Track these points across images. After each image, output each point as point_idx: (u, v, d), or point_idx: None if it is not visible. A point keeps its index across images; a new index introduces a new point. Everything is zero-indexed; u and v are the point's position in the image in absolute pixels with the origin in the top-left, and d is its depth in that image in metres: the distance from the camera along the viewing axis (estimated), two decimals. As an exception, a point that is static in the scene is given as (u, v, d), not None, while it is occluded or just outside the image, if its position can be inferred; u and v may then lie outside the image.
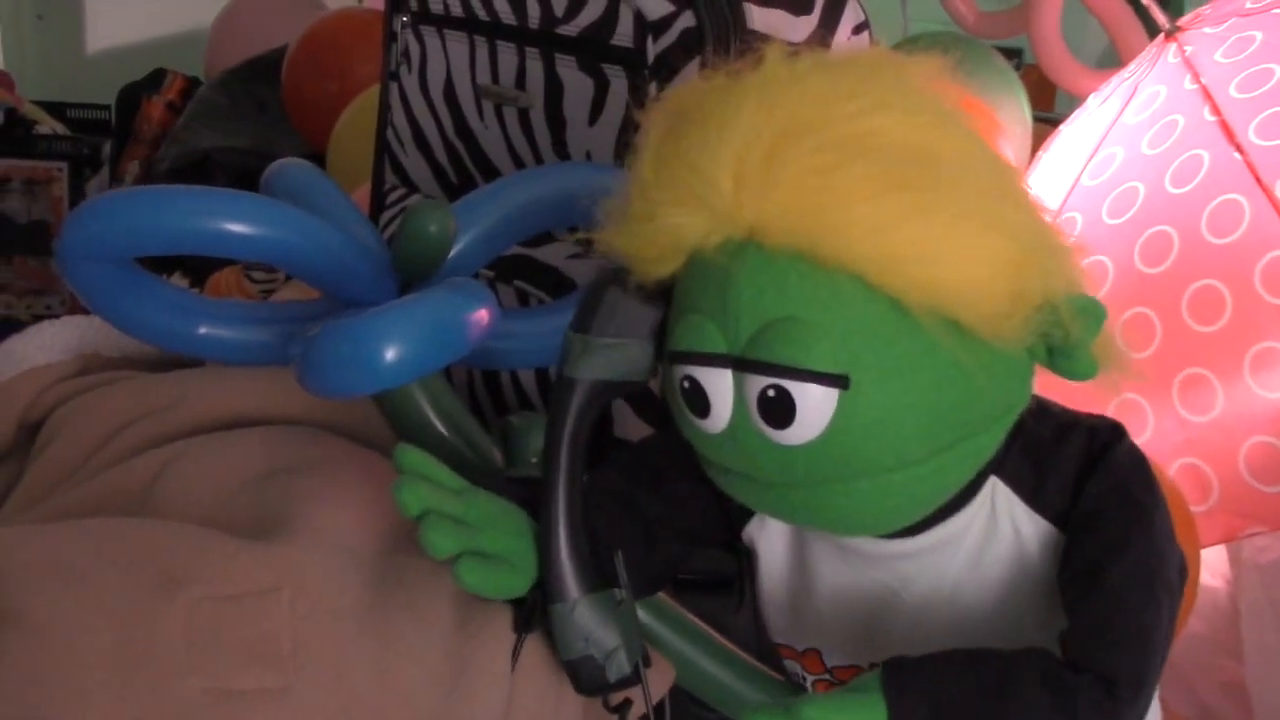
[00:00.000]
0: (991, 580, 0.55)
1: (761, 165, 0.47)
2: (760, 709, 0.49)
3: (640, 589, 0.60)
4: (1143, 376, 0.86)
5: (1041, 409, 0.54)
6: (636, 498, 0.58)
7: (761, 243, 0.48)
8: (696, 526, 0.60)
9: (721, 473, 0.53)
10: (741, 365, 0.48)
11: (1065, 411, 0.55)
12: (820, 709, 0.48)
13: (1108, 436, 0.53)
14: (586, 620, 0.54)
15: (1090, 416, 0.54)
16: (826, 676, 0.60)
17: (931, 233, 0.46)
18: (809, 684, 0.61)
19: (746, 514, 0.60)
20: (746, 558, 0.63)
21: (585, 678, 0.55)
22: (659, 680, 0.63)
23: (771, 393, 0.47)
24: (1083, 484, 0.52)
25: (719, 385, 0.49)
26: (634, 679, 0.55)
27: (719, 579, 0.69)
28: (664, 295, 0.53)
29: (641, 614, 0.63)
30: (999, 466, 0.54)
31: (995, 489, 0.54)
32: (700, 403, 0.50)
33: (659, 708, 0.59)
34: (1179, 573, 0.53)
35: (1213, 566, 0.94)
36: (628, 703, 0.58)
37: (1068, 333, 0.48)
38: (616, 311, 0.53)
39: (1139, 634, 0.49)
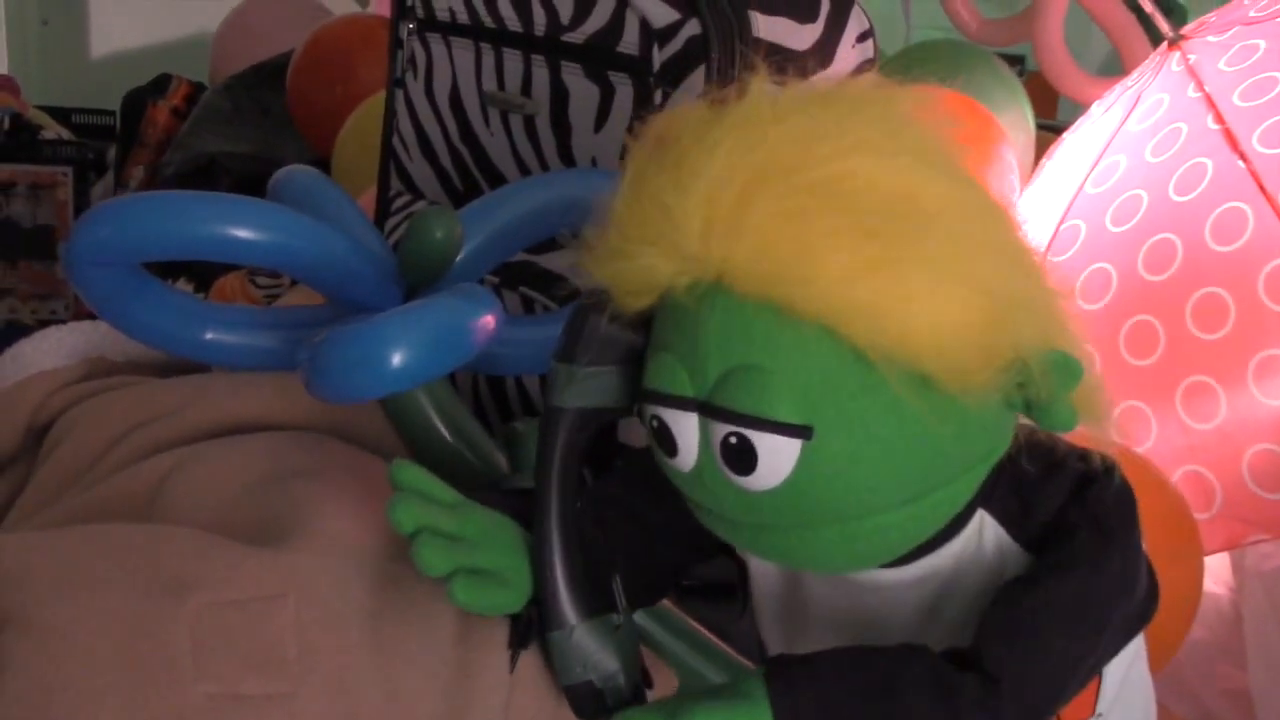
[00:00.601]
0: (981, 607, 0.53)
1: (731, 209, 0.46)
2: (642, 710, 0.50)
3: (642, 598, 0.59)
4: (1139, 383, 0.86)
5: (1032, 443, 0.52)
6: (637, 506, 0.58)
7: (730, 287, 0.47)
8: (698, 535, 0.60)
9: (696, 507, 0.53)
10: (706, 410, 0.48)
11: (1057, 446, 0.53)
12: (703, 711, 0.48)
13: (1099, 472, 0.51)
14: (584, 647, 0.54)
15: (1084, 452, 0.52)
16: None
17: (898, 286, 0.45)
18: None
19: None
20: (744, 568, 0.63)
21: (585, 703, 0.55)
22: (662, 690, 0.63)
23: (734, 440, 0.47)
24: (1063, 515, 0.51)
25: (685, 427, 0.49)
26: (633, 702, 0.55)
27: (722, 586, 0.69)
28: (646, 324, 0.52)
29: (644, 621, 0.63)
30: (986, 499, 0.53)
31: (984, 521, 0.53)
32: (668, 443, 0.49)
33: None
34: (1133, 618, 0.52)
35: (1216, 573, 0.94)
36: None
37: (1045, 387, 0.47)
38: (598, 339, 0.52)
39: (1040, 652, 0.49)
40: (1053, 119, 1.77)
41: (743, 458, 0.47)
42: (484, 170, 0.89)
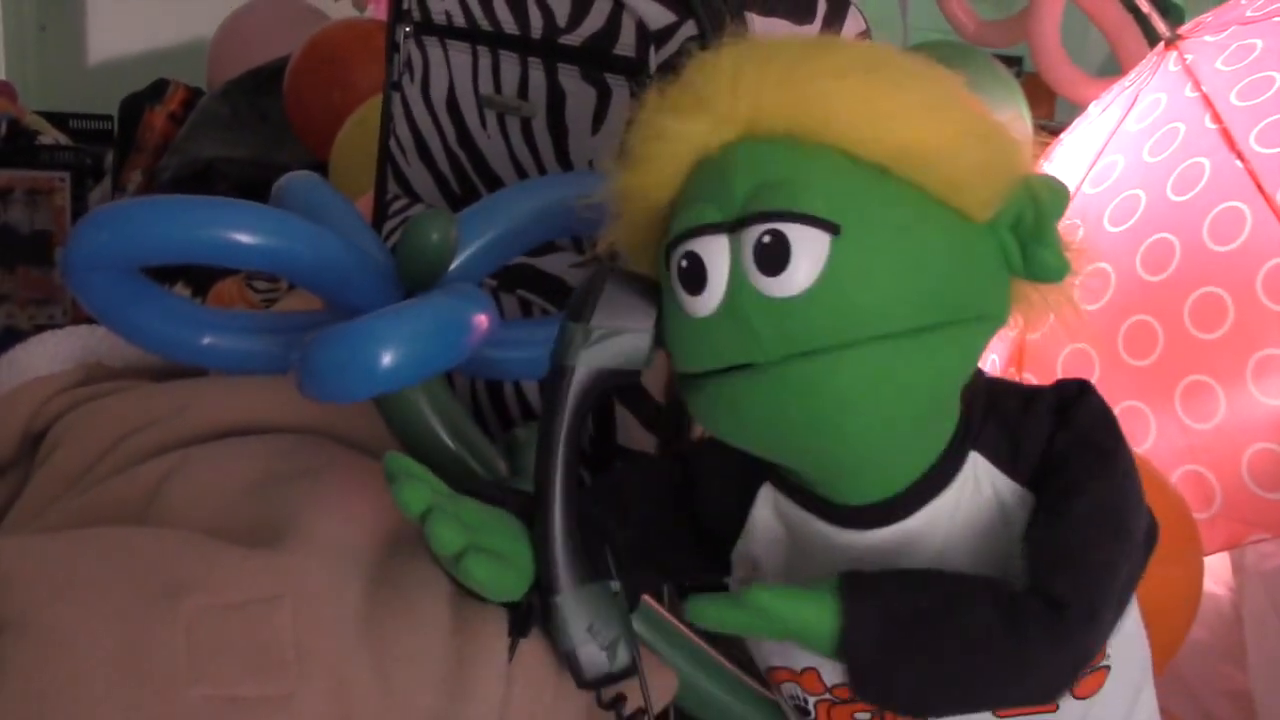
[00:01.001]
0: (984, 553, 0.55)
1: (755, 71, 0.52)
2: (711, 600, 0.51)
3: (633, 596, 0.60)
4: (1138, 383, 0.86)
5: (1010, 386, 0.57)
6: (605, 525, 0.59)
7: (756, 134, 0.52)
8: (666, 558, 0.60)
9: (714, 384, 0.53)
10: (738, 225, 0.51)
11: (1031, 385, 0.57)
12: (771, 596, 0.50)
13: (1074, 393, 0.55)
14: (587, 610, 0.55)
15: (1055, 382, 0.56)
16: (828, 696, 0.60)
17: (903, 106, 0.51)
18: (810, 705, 0.61)
19: (730, 535, 0.60)
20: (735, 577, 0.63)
21: (587, 667, 0.55)
22: (662, 689, 0.63)
23: (767, 239, 0.49)
24: (1051, 438, 0.54)
25: (715, 253, 0.51)
26: (632, 670, 0.55)
27: (717, 589, 0.69)
28: (657, 288, 0.54)
29: (638, 628, 0.63)
30: (976, 440, 0.55)
31: (976, 464, 0.55)
32: (697, 277, 0.51)
33: (663, 715, 0.60)
34: (1146, 532, 0.55)
35: (1216, 574, 0.93)
36: (622, 698, 0.58)
37: (1037, 206, 0.52)
38: (613, 301, 0.54)
39: (1094, 565, 0.51)
40: (1050, 120, 1.77)
41: (777, 254, 0.49)
42: (481, 173, 0.89)
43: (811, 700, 0.60)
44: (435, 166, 0.93)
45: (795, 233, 0.49)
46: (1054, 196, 0.52)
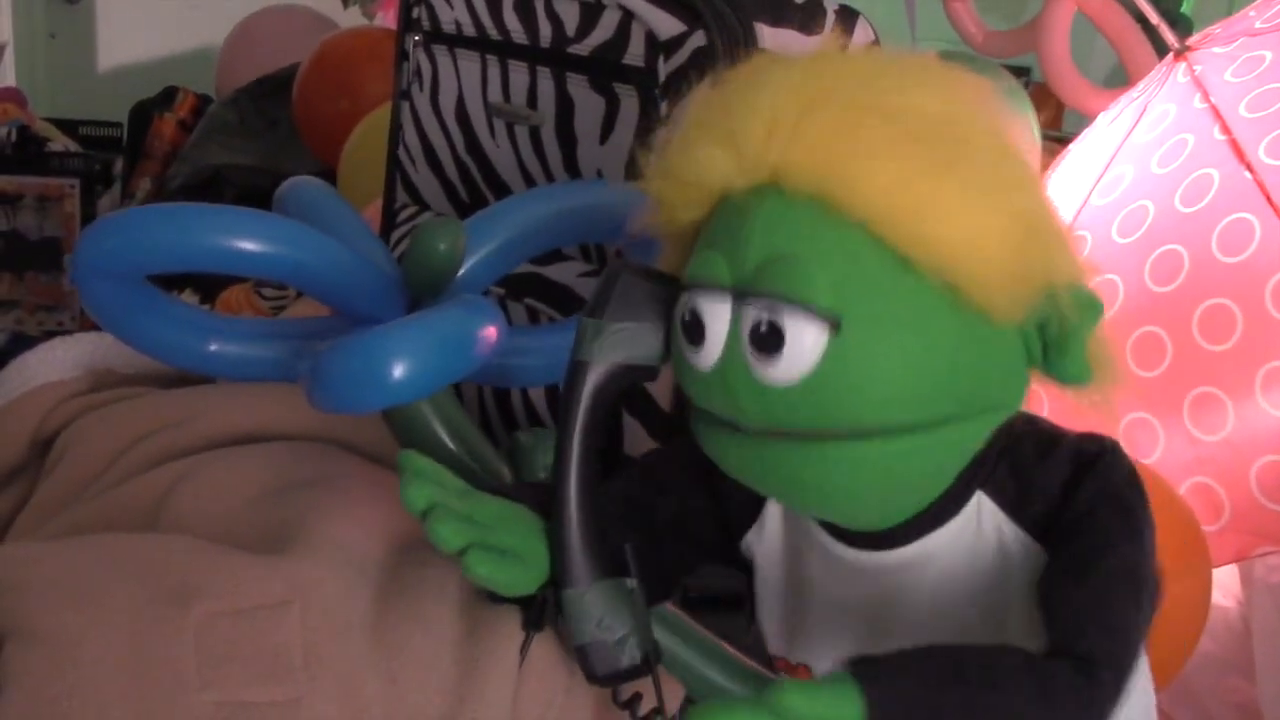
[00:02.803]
0: (980, 592, 0.55)
1: (794, 116, 0.49)
2: (732, 702, 0.47)
3: (648, 589, 0.60)
4: (1146, 394, 0.86)
5: (1029, 424, 0.55)
6: (643, 501, 0.59)
7: (783, 187, 0.50)
8: (702, 533, 0.60)
9: (705, 425, 0.53)
10: (741, 295, 0.49)
11: (1053, 428, 0.55)
12: (793, 694, 0.46)
13: (1095, 449, 0.53)
14: (600, 606, 0.55)
15: (1080, 433, 0.54)
16: None
17: (940, 193, 0.48)
18: None
19: (746, 522, 0.60)
20: (748, 570, 0.63)
21: (599, 664, 0.55)
22: (671, 694, 0.63)
23: (764, 327, 0.49)
24: (1068, 494, 0.52)
25: (717, 315, 0.50)
26: (646, 668, 0.55)
27: (729, 598, 0.69)
28: (674, 283, 0.54)
29: (655, 631, 0.63)
30: (985, 481, 0.54)
31: (981, 503, 0.54)
32: (697, 333, 0.51)
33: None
34: (1155, 595, 0.53)
35: (1224, 586, 0.93)
36: (638, 696, 0.58)
37: (1065, 321, 0.49)
38: (629, 296, 0.54)
39: (1121, 627, 0.50)
40: (1058, 130, 1.77)
41: (771, 342, 0.48)
42: (489, 182, 0.89)
43: None
44: (444, 175, 0.93)
45: (794, 321, 0.48)
46: (1085, 313, 0.50)
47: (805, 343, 0.48)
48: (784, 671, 0.62)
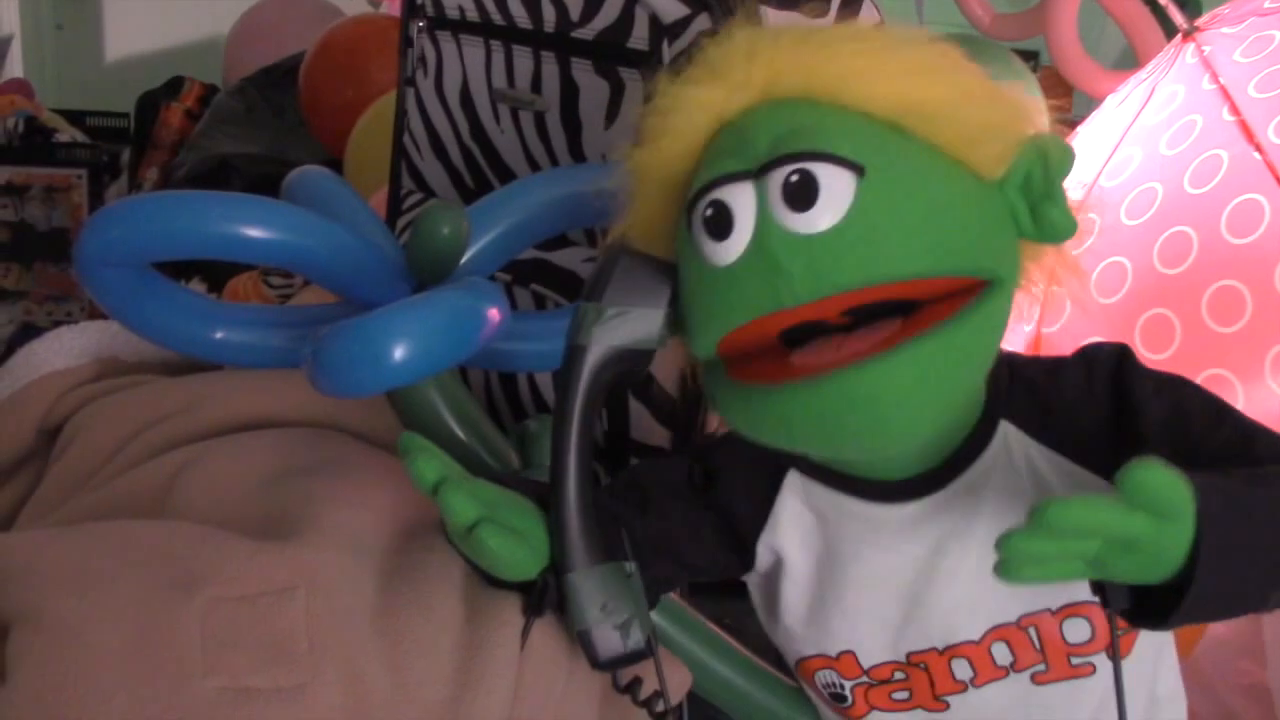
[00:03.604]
0: (1014, 513, 0.55)
1: (769, 40, 0.54)
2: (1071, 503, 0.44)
3: (653, 592, 0.59)
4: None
5: (1028, 357, 0.59)
6: (624, 518, 0.59)
7: (773, 97, 0.54)
8: (685, 552, 0.60)
9: (752, 407, 0.53)
10: (763, 170, 0.52)
11: (1050, 356, 0.59)
12: (1147, 476, 0.44)
13: (1115, 356, 0.57)
14: (602, 589, 0.55)
15: (1080, 349, 0.58)
16: (864, 679, 0.60)
17: (911, 60, 0.54)
18: (847, 690, 0.61)
19: (758, 526, 0.60)
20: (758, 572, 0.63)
21: (602, 647, 0.55)
22: (678, 683, 0.63)
23: (795, 177, 0.51)
24: (1125, 399, 0.55)
25: (741, 198, 0.52)
26: (648, 651, 0.55)
27: (732, 583, 0.69)
28: (673, 268, 0.55)
29: (657, 619, 0.63)
30: (1005, 409, 0.57)
31: (1007, 432, 0.57)
32: (724, 222, 0.52)
33: (678, 709, 0.59)
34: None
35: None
36: (638, 680, 0.58)
37: (1048, 163, 0.53)
38: (626, 280, 0.55)
39: (1262, 429, 0.54)
40: (1067, 113, 1.76)
41: (805, 192, 0.51)
42: (495, 167, 0.89)
43: (849, 685, 0.61)
44: (449, 161, 0.93)
45: (822, 171, 0.51)
46: (1062, 154, 0.54)
47: (837, 186, 0.51)
48: (825, 669, 0.61)
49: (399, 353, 0.59)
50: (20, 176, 1.49)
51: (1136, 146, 0.97)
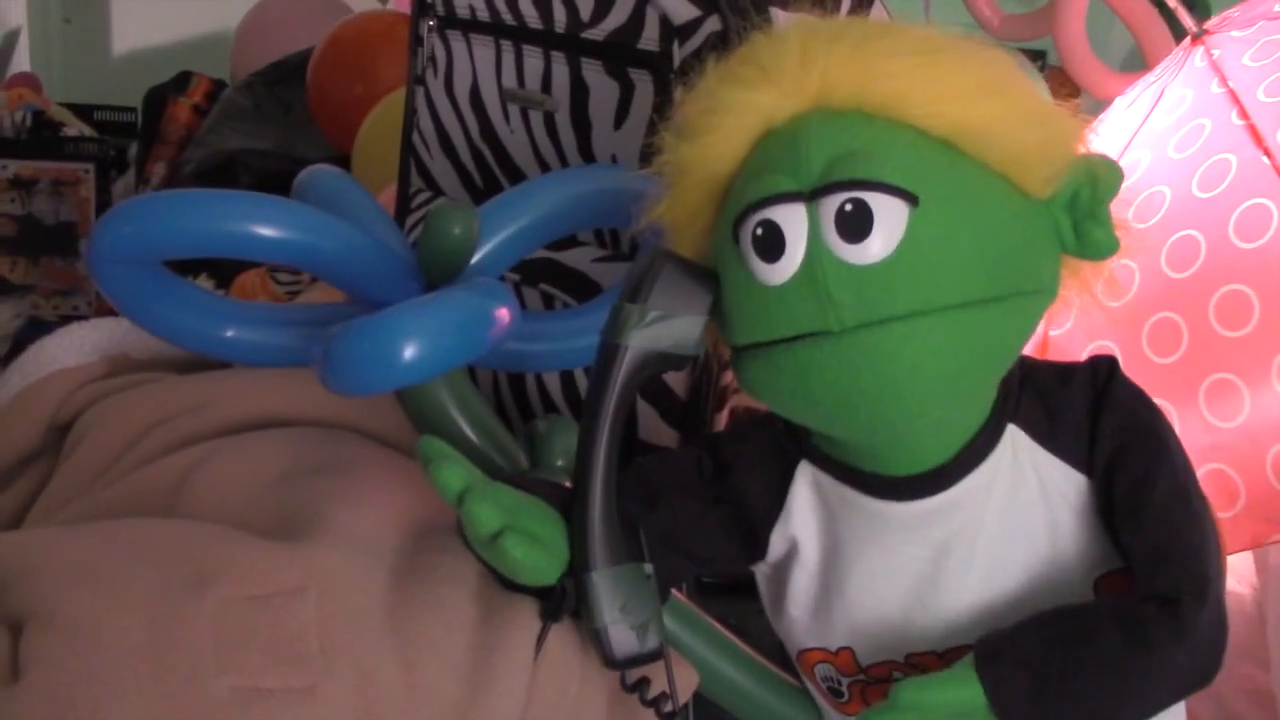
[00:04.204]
0: (1023, 530, 0.57)
1: (824, 46, 0.53)
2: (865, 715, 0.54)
3: (663, 587, 0.60)
4: (1162, 381, 0.86)
5: (1042, 362, 0.60)
6: (631, 513, 0.59)
7: (825, 107, 0.53)
8: (694, 544, 0.61)
9: (770, 364, 0.54)
10: (816, 194, 0.51)
11: (1064, 362, 0.60)
12: (917, 689, 0.53)
13: (1107, 370, 0.58)
14: (622, 589, 0.55)
15: (1089, 359, 0.59)
16: (861, 677, 0.60)
17: (967, 79, 0.53)
18: (844, 686, 0.61)
19: (771, 517, 0.60)
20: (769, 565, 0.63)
21: (617, 647, 0.55)
22: (684, 684, 0.63)
23: (849, 206, 0.51)
24: (1095, 425, 0.57)
25: (793, 220, 0.52)
26: (659, 654, 0.55)
27: (741, 581, 0.69)
28: (714, 276, 0.55)
29: (665, 620, 0.63)
30: (1014, 413, 0.57)
31: (1015, 438, 0.57)
32: (775, 244, 0.52)
33: (683, 710, 0.60)
34: (1201, 492, 0.58)
35: (1239, 573, 0.93)
36: (646, 680, 0.58)
37: (1096, 184, 0.53)
38: (670, 284, 0.55)
39: (1190, 548, 0.54)
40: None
41: (858, 222, 0.51)
42: (504, 167, 0.89)
43: (845, 681, 0.61)
44: (458, 160, 0.93)
45: (876, 201, 0.51)
46: (1110, 175, 0.54)
47: (890, 216, 0.51)
48: (825, 663, 0.62)
49: (409, 352, 0.59)
50: (28, 170, 1.49)
51: (1145, 149, 0.97)
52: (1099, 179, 0.54)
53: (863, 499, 0.58)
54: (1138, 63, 1.54)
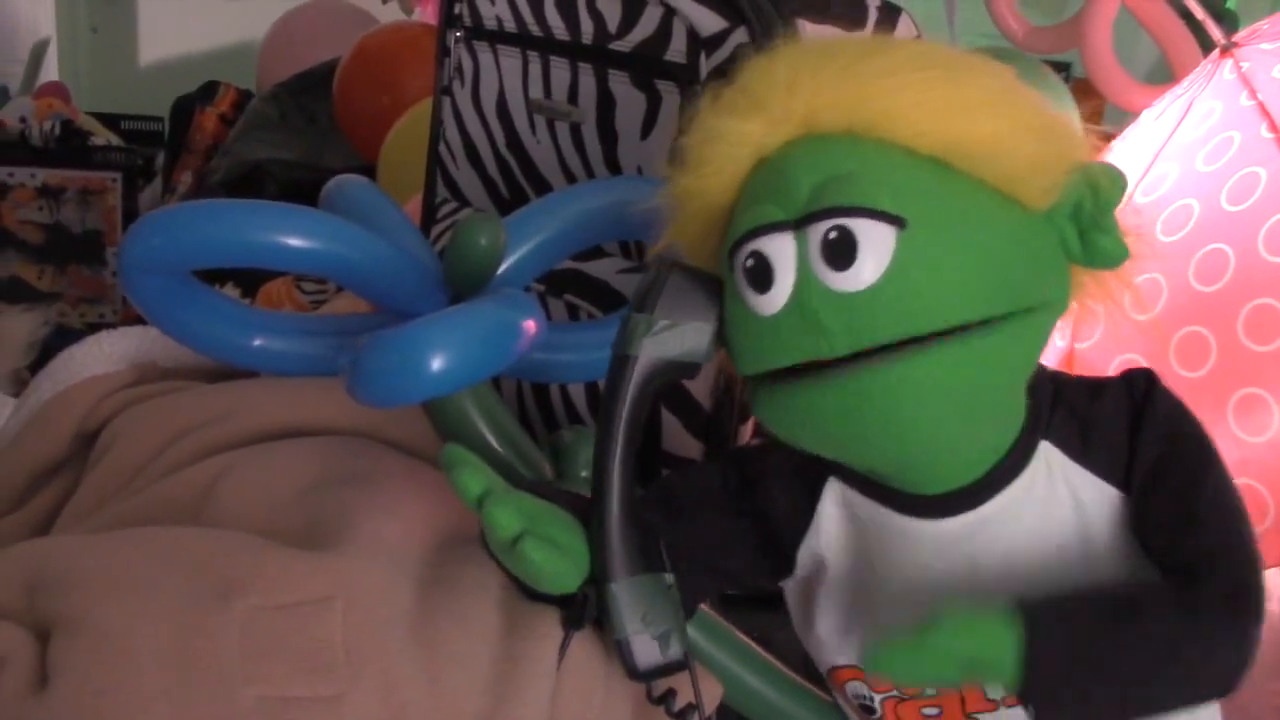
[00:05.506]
0: (1056, 548, 0.56)
1: (811, 67, 0.53)
2: (887, 649, 0.50)
3: (688, 602, 0.59)
4: (1190, 395, 0.85)
5: (1074, 377, 0.58)
6: (656, 527, 0.59)
7: (814, 132, 0.53)
8: (720, 559, 0.60)
9: (779, 387, 0.53)
10: (803, 222, 0.51)
11: (1096, 377, 0.58)
12: (944, 632, 0.49)
13: (1144, 383, 0.56)
14: (642, 599, 0.55)
15: (1124, 372, 0.57)
16: (895, 693, 0.60)
17: (958, 95, 0.52)
18: (877, 704, 0.61)
19: (800, 530, 0.60)
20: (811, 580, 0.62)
21: (640, 657, 0.55)
22: (709, 696, 0.63)
23: (834, 234, 0.50)
24: (1135, 437, 0.55)
25: (781, 251, 0.51)
26: (683, 664, 0.55)
27: (765, 596, 0.69)
28: (721, 282, 0.55)
29: (689, 631, 0.63)
30: (1046, 429, 0.56)
31: (1048, 454, 0.56)
32: (763, 275, 0.51)
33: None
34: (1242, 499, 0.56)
35: (1269, 589, 0.92)
36: (672, 692, 0.58)
37: (1098, 194, 0.52)
38: (677, 293, 0.55)
39: (1240, 549, 0.53)
40: (1097, 125, 1.75)
41: (843, 250, 0.50)
42: (530, 178, 0.90)
43: (878, 698, 0.60)
44: (484, 171, 0.93)
45: (861, 227, 0.50)
46: (1112, 184, 0.53)
47: (876, 242, 0.50)
48: (855, 681, 0.61)
49: (438, 363, 0.59)
50: (55, 179, 1.51)
51: (1173, 162, 0.97)
52: (1099, 188, 0.53)
53: (892, 516, 0.58)
54: (1163, 75, 1.54)
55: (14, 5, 2.19)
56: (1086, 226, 0.53)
